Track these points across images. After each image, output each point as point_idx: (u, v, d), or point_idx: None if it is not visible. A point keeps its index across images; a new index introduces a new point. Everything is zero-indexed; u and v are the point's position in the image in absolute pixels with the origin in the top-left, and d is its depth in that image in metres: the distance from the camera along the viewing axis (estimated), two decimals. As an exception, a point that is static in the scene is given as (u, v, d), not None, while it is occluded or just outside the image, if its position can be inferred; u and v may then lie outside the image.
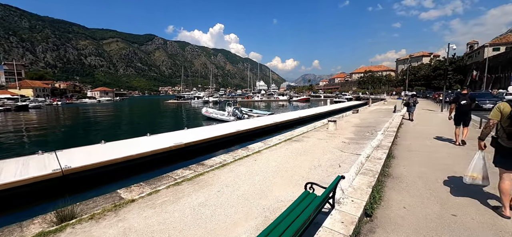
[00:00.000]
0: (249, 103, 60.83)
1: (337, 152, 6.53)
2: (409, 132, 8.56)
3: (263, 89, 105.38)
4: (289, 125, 15.09)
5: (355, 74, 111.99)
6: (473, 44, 61.89)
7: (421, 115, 14.10)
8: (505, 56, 39.81)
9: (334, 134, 9.27)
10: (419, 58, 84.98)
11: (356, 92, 74.48)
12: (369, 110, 19.26)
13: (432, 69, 60.45)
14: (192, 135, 10.16)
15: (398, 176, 3.98)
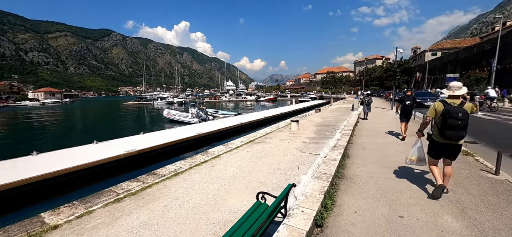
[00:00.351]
0: (217, 103, 59.67)
1: (297, 153, 6.52)
2: (364, 130, 9.06)
3: (231, 89, 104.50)
4: (254, 126, 14.97)
5: (318, 75, 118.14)
6: (416, 49, 70.12)
7: (375, 113, 15.27)
8: (441, 60, 45.87)
9: (296, 134, 9.37)
10: (373, 60, 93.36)
11: (320, 91, 78.57)
12: (331, 109, 20.24)
13: (384, 71, 66.83)
14: (147, 141, 9.30)
15: (351, 177, 4.02)
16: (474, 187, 3.43)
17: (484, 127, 9.55)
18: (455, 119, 3.02)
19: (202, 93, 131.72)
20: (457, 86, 3.24)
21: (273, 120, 17.16)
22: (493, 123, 10.53)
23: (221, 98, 67.95)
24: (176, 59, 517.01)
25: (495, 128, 9.44)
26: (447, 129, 3.09)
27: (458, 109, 3.04)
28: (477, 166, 4.23)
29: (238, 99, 67.27)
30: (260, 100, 60.26)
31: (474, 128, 9.40)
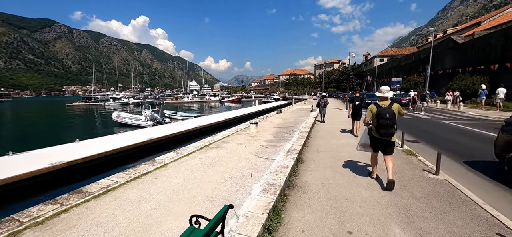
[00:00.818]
0: (178, 104, 56.72)
1: (253, 158, 6.16)
2: (320, 131, 9.21)
3: (196, 89, 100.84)
4: (214, 129, 14.28)
5: (282, 76, 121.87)
6: (367, 55, 77.39)
7: (332, 113, 16.01)
8: (387, 66, 51.27)
9: (255, 137, 9.07)
10: (331, 64, 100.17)
11: (283, 93, 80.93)
12: (292, 110, 20.66)
13: (340, 74, 72.07)
14: (82, 150, 7.93)
15: (303, 185, 3.78)
16: (419, 190, 3.49)
17: (422, 126, 10.61)
18: (384, 119, 3.51)
19: (163, 94, 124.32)
20: (386, 90, 3.87)
21: (235, 122, 16.69)
22: (427, 122, 11.83)
23: (183, 98, 64.78)
24: (133, 57, 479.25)
25: (429, 126, 10.56)
26: (380, 127, 3.59)
27: (387, 110, 3.54)
28: (419, 166, 4.42)
29: (202, 100, 65.05)
30: (225, 101, 59.25)
31: (414, 127, 10.47)
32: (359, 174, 4.28)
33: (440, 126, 10.61)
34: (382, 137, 3.64)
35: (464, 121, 11.60)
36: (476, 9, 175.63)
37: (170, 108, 43.96)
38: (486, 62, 21.14)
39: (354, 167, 4.67)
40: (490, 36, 21.75)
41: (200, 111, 38.97)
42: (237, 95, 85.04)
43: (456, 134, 8.69)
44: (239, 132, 10.19)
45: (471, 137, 8.00)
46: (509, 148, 4.04)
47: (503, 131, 4.27)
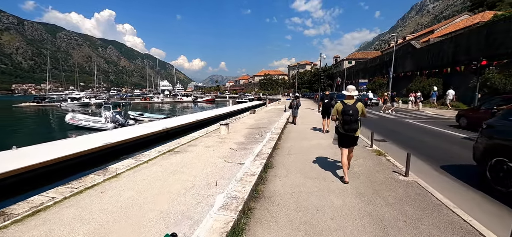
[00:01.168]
0: (148, 105, 53.55)
1: (221, 163, 5.67)
2: (291, 132, 9.04)
3: (167, 89, 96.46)
4: (183, 131, 13.40)
5: (257, 77, 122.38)
6: (337, 58, 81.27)
7: (304, 113, 16.15)
8: (355, 68, 54.27)
9: (225, 139, 8.57)
10: (304, 65, 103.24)
11: (258, 93, 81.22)
12: (265, 110, 20.49)
13: (313, 75, 74.58)
14: (20, 160, 6.68)
15: (271, 195, 3.42)
16: (391, 194, 3.33)
17: (388, 125, 11.09)
18: (348, 115, 3.79)
19: (131, 93, 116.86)
20: (352, 89, 4.16)
21: (206, 123, 15.94)
22: (392, 121, 12.46)
23: (153, 99, 61.27)
24: (97, 53, 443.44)
25: (394, 125, 11.09)
26: (344, 123, 3.86)
27: (351, 107, 3.81)
28: (389, 168, 4.36)
29: (174, 100, 62.21)
30: (198, 101, 57.36)
31: (381, 127, 10.89)
32: (330, 179, 4.05)
33: (404, 125, 11.18)
34: (347, 132, 3.94)
35: (424, 120, 12.44)
36: (429, 19, 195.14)
37: (139, 109, 41.18)
38: (440, 66, 23.28)
39: (326, 170, 4.45)
40: (442, 42, 24.03)
41: (172, 112, 37.10)
42: (211, 95, 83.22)
43: (419, 132, 9.16)
44: (209, 134, 9.59)
45: (432, 135, 8.46)
46: (491, 154, 3.64)
47: (483, 134, 3.94)
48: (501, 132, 3.66)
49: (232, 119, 14.27)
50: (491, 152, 3.69)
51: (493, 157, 3.60)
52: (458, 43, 21.19)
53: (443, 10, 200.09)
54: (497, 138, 3.67)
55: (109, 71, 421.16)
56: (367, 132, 8.73)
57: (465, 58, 20.30)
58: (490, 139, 3.74)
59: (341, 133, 4.07)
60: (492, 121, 3.91)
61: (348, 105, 3.89)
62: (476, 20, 32.26)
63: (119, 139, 9.54)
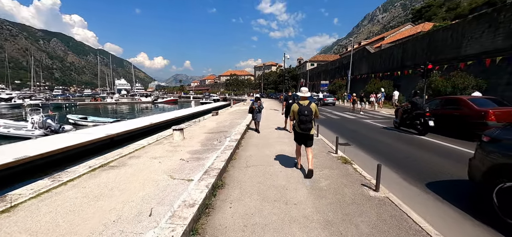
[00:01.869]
0: (100, 106, 47.90)
1: (165, 180, 4.62)
2: (253, 138, 8.35)
3: (125, 88, 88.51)
4: (133, 137, 11.69)
5: (223, 77, 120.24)
6: (300, 60, 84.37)
7: (268, 115, 15.74)
8: (317, 70, 56.78)
9: (178, 147, 7.44)
10: (270, 66, 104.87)
11: (224, 93, 79.56)
12: (230, 111, 19.57)
13: (278, 76, 75.97)
14: None
15: (217, 227, 2.59)
16: (363, 219, 2.74)
17: (349, 126, 11.22)
18: (304, 115, 4.07)
19: (80, 93, 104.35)
20: (305, 90, 4.44)
21: (163, 127, 14.33)
22: (353, 122, 12.75)
23: (106, 99, 55.06)
24: (38, 46, 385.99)
25: (355, 126, 11.27)
26: (300, 123, 4.16)
27: (305, 108, 4.10)
28: (358, 180, 3.88)
29: (131, 100, 56.86)
30: (158, 102, 53.39)
31: (343, 128, 10.84)
32: (293, 200, 3.37)
33: (364, 125, 11.43)
34: (303, 131, 4.25)
35: (380, 120, 13.02)
36: (379, 28, 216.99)
37: (89, 111, 36.34)
38: (391, 69, 25.38)
39: (289, 187, 3.79)
40: (392, 48, 26.27)
41: (127, 114, 33.58)
42: (174, 96, 78.69)
43: (378, 133, 9.31)
44: (160, 142, 8.32)
45: (391, 136, 8.61)
46: (498, 173, 2.84)
47: (484, 149, 3.17)
48: None
49: (192, 122, 13.03)
50: (502, 172, 2.79)
51: (501, 179, 2.76)
52: (406, 49, 23.32)
53: (390, 20, 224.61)
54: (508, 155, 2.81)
55: (54, 67, 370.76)
56: (332, 136, 8.51)
57: (411, 62, 22.39)
58: (501, 156, 2.85)
59: (297, 132, 4.44)
60: (498, 133, 3.10)
61: (303, 106, 4.18)
62: (418, 29, 36.34)
63: (42, 151, 7.62)
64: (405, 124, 9.27)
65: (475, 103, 7.28)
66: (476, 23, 15.64)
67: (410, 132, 9.04)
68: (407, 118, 9.10)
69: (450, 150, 6.48)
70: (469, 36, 16.14)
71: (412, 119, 8.80)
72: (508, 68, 13.29)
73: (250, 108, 9.64)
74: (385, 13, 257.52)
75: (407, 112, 9.27)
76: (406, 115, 9.23)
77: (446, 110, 8.42)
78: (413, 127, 8.81)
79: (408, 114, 9.12)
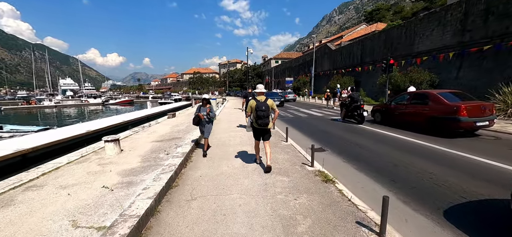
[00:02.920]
0: (34, 110, 40.49)
1: (60, 233, 2.94)
2: (211, 137, 6.93)
3: (71, 89, 77.65)
4: (59, 150, 9.14)
5: (186, 75, 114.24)
6: (265, 57, 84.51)
7: (230, 115, 14.37)
8: (281, 67, 57.13)
9: (110, 164, 5.57)
10: (235, 64, 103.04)
11: (187, 92, 75.25)
12: (189, 112, 17.58)
13: (243, 73, 74.79)
14: None
15: None
16: None
17: (318, 125, 10.51)
18: (261, 111, 4.27)
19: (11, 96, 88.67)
20: (261, 87, 4.64)
21: (105, 134, 11.79)
22: (320, 120, 12.18)
23: (44, 102, 46.80)
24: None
25: (325, 125, 10.62)
26: (258, 118, 4.33)
27: (263, 104, 4.30)
28: (349, 213, 2.70)
29: (76, 102, 49.40)
30: (110, 104, 47.49)
31: (312, 127, 9.89)
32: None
33: (333, 124, 10.86)
34: (260, 126, 4.39)
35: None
36: (336, 29, 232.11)
37: (18, 118, 30.07)
38: (352, 65, 26.18)
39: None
40: (352, 45, 27.15)
41: (70, 119, 28.65)
42: (130, 96, 71.57)
43: (349, 132, 8.68)
44: (87, 158, 6.27)
45: (366, 136, 7.99)
46: None
47: None
48: None
49: (140, 127, 10.91)
50: None
51: None
52: (365, 46, 24.18)
53: (346, 22, 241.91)
54: None
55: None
56: (304, 140, 7.54)
57: (370, 59, 23.26)
58: None
59: (255, 128, 4.54)
60: None
61: (260, 102, 4.32)
62: (373, 29, 38.74)
63: None
64: (347, 115, 10.63)
65: (446, 98, 6.99)
66: (427, 21, 16.56)
67: (351, 121, 10.59)
68: (348, 110, 10.45)
69: (448, 156, 5.97)
70: (421, 33, 17.06)
71: (351, 111, 10.25)
72: (456, 63, 14.22)
73: (195, 118, 5.97)
74: (341, 14, 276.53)
75: (346, 105, 10.65)
76: (346, 108, 10.62)
77: (414, 105, 8.16)
78: (353, 118, 10.35)
79: (347, 107, 10.52)
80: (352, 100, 10.23)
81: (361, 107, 9.90)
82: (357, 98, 10.20)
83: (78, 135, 10.77)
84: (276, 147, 6.32)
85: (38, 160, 8.33)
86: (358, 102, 10.05)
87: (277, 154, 5.67)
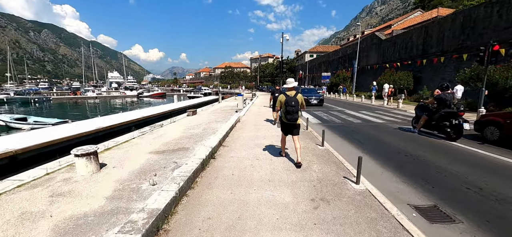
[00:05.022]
0: (80, 101, 43.41)
1: None
2: (228, 160, 4.48)
3: (116, 81, 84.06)
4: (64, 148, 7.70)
5: (218, 69, 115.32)
6: (298, 52, 79.98)
7: (258, 114, 11.86)
8: (317, 61, 52.63)
9: (66, 195, 3.48)
10: (266, 58, 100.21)
11: (217, 86, 75.12)
12: (213, 109, 15.54)
13: (275, 68, 71.69)
14: None
15: None
16: None
17: (390, 141, 7.38)
18: (291, 106, 4.26)
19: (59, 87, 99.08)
20: (291, 81, 4.48)
21: (119, 131, 10.32)
22: (382, 129, 8.94)
23: (87, 93, 50.29)
24: (28, 38, 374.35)
25: (398, 140, 7.44)
26: (287, 113, 4.33)
27: (292, 99, 4.28)
28: None
29: (114, 94, 52.17)
30: (144, 96, 48.92)
31: (382, 144, 6.87)
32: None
33: (407, 138, 7.57)
34: (290, 121, 4.40)
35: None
36: (377, 21, 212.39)
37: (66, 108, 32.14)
38: (409, 58, 21.45)
39: None
40: (411, 33, 22.23)
41: (102, 111, 29.45)
42: (165, 89, 74.12)
43: (459, 164, 5.47)
44: (50, 177, 4.30)
45: (488, 171, 4.74)
46: None
47: None
48: None
49: (149, 128, 9.03)
50: None
51: None
52: (429, 33, 19.31)
53: (389, 13, 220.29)
54: None
55: (45, 59, 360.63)
56: (389, 180, 4.23)
57: (437, 49, 18.46)
58: None
59: (284, 122, 4.54)
60: None
61: (290, 97, 4.31)
62: (433, 15, 32.33)
63: None
64: (430, 125, 7.41)
65: None
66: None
67: (434, 135, 7.43)
68: (432, 118, 7.25)
69: None
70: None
71: (439, 119, 7.01)
72: None
73: None
74: (384, 5, 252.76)
75: (429, 110, 7.40)
76: (428, 114, 7.37)
77: None
78: (440, 130, 7.07)
79: (432, 113, 7.28)
80: (442, 104, 6.96)
81: (459, 115, 6.70)
82: (450, 100, 6.96)
83: (90, 132, 9.37)
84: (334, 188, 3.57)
85: (31, 162, 6.87)
86: (452, 107, 6.95)
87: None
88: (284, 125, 4.58)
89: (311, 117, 11.20)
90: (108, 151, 5.82)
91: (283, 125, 4.62)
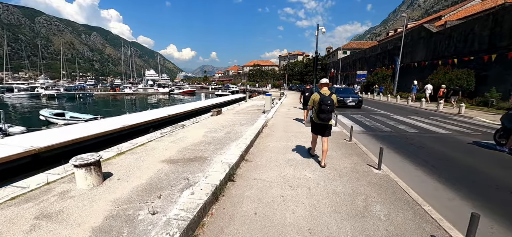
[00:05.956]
0: (118, 96, 46.64)
1: None
2: (251, 179, 3.45)
3: (152, 79, 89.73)
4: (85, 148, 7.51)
5: (246, 67, 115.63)
6: (330, 49, 75.87)
7: (287, 115, 10.59)
8: (351, 58, 48.95)
9: (52, 217, 2.83)
10: (295, 56, 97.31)
11: (245, 84, 75.01)
12: (239, 109, 14.70)
13: (304, 66, 68.97)
14: None
15: None
16: None
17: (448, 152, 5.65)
18: (326, 105, 4.11)
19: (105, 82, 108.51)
20: (324, 80, 4.44)
21: (143, 130, 10.05)
22: (450, 143, 7.08)
23: (125, 90, 53.91)
24: (80, 40, 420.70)
25: (486, 166, 5.67)
26: (321, 112, 4.19)
27: (328, 98, 4.14)
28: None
29: (148, 91, 55.10)
30: (175, 93, 50.68)
31: (463, 172, 5.29)
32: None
33: (492, 159, 5.74)
34: (323, 121, 4.24)
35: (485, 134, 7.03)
36: (420, 13, 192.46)
37: (104, 103, 34.68)
38: (470, 53, 18.08)
39: None
40: (472, 23, 18.71)
41: (135, 107, 30.88)
42: (195, 86, 76.44)
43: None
44: (48, 189, 3.70)
45: None
46: None
47: None
48: None
49: (169, 129, 8.45)
50: None
51: None
52: (500, 22, 15.88)
53: (434, 4, 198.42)
54: None
55: (94, 59, 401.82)
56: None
57: (509, 41, 15.12)
58: None
59: (315, 123, 4.43)
60: None
61: (325, 96, 4.18)
62: (500, 1, 27.31)
63: None
64: None
65: None
66: None
67: None
68: None
69: None
70: None
71: None
72: None
73: None
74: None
75: None
76: None
77: None
78: None
79: None
80: None
81: None
82: None
83: (114, 130, 9.17)
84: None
85: (54, 161, 6.70)
86: None
87: None
88: (315, 125, 4.50)
89: (352, 123, 9.60)
90: (120, 157, 5.20)
91: (314, 125, 4.55)
